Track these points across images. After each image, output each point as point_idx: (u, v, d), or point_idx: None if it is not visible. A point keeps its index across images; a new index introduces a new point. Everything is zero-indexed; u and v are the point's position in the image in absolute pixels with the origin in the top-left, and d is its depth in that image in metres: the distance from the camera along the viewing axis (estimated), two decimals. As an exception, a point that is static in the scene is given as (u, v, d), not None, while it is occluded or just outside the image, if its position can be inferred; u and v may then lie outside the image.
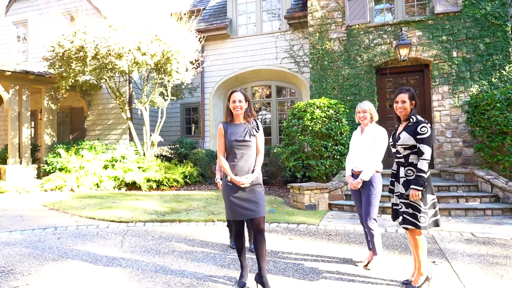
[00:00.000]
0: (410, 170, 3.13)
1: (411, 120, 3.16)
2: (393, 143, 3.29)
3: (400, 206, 3.21)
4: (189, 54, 10.01)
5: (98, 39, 8.70)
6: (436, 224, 3.12)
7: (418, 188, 3.01)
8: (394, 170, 3.33)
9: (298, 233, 5.19)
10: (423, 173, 3.02)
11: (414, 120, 3.14)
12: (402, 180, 3.18)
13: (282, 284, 3.32)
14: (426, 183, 3.05)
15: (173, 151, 11.29)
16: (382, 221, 5.70)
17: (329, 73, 9.27)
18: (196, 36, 10.60)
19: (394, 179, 3.31)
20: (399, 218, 3.22)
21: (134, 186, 9.64)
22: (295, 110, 8.22)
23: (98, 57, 8.88)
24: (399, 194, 3.21)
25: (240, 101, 3.21)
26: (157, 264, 3.92)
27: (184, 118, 13.73)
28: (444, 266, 3.73)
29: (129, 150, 10.84)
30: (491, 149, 7.30)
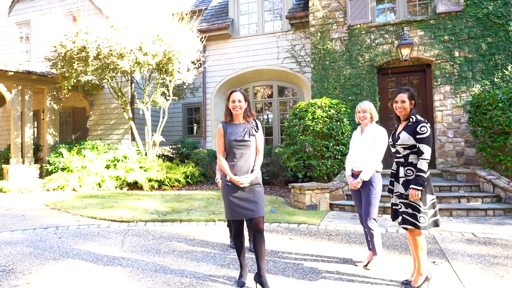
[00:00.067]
0: (409, 170, 3.13)
1: (411, 119, 3.15)
2: (392, 143, 3.28)
3: (399, 206, 3.20)
4: (190, 54, 10.03)
5: (100, 39, 8.73)
6: (435, 224, 3.11)
7: (418, 187, 3.00)
8: (393, 170, 3.33)
9: (299, 233, 5.19)
10: (423, 172, 3.01)
11: (414, 119, 3.14)
12: (401, 180, 3.18)
13: (281, 284, 3.32)
14: (425, 183, 3.04)
15: (174, 151, 11.31)
16: (383, 221, 5.69)
17: (330, 73, 9.26)
18: (197, 36, 10.61)
19: (393, 179, 3.30)
20: (399, 218, 3.22)
21: (135, 186, 9.67)
22: (296, 110, 8.21)
23: (100, 57, 8.90)
24: (399, 194, 3.20)
25: (239, 101, 3.22)
26: (157, 263, 3.94)
27: (186, 118, 13.78)
28: (444, 266, 3.72)
29: (131, 150, 10.87)
30: (493, 149, 7.26)
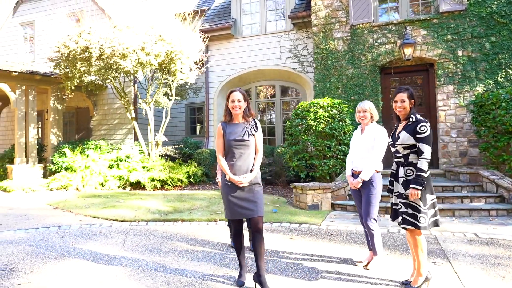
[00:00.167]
0: (409, 170, 3.11)
1: (411, 119, 3.14)
2: (392, 143, 3.27)
3: (399, 206, 3.19)
4: (193, 54, 10.04)
5: (103, 40, 8.77)
6: (435, 224, 3.10)
7: (417, 187, 2.99)
8: (393, 169, 3.31)
9: (300, 233, 5.18)
10: (423, 172, 2.99)
11: (414, 119, 3.12)
12: (401, 180, 3.16)
13: (280, 283, 3.32)
14: (425, 183, 3.03)
15: (177, 151, 11.33)
16: (385, 221, 5.67)
17: (333, 72, 9.24)
18: (200, 36, 10.63)
19: (393, 179, 3.29)
20: (399, 218, 3.20)
21: (138, 185, 9.70)
22: (299, 110, 8.20)
23: (102, 57, 8.94)
24: (399, 194, 3.19)
25: (239, 100, 3.22)
26: (157, 263, 3.95)
27: (189, 118, 13.80)
28: (445, 266, 3.70)
29: (133, 150, 10.90)
30: (497, 149, 7.22)
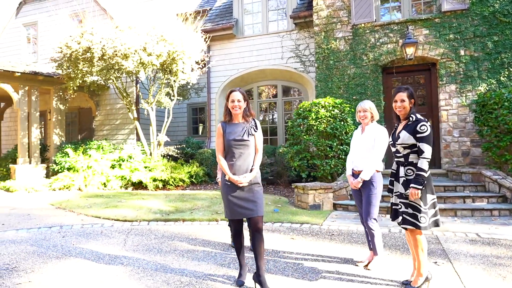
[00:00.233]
0: (410, 170, 3.10)
1: (411, 118, 3.13)
2: (392, 142, 3.26)
3: (399, 206, 3.18)
4: (194, 54, 10.05)
5: (105, 40, 8.80)
6: (436, 224, 3.08)
7: (418, 187, 2.98)
8: (393, 169, 3.30)
9: (301, 232, 5.17)
10: (423, 172, 2.98)
11: (414, 118, 3.11)
12: (402, 179, 3.15)
13: (280, 283, 3.32)
14: (426, 182, 3.02)
15: (179, 151, 11.35)
16: (386, 221, 5.66)
17: (334, 72, 9.22)
18: (202, 36, 10.65)
19: (393, 179, 3.28)
20: (399, 218, 3.19)
21: (140, 185, 9.73)
22: (300, 109, 8.20)
23: (104, 57, 8.98)
24: (399, 193, 3.18)
25: (239, 100, 3.22)
26: (158, 262, 3.95)
27: (191, 118, 13.82)
28: (446, 266, 3.68)
29: (136, 150, 10.93)
30: (499, 148, 7.18)
